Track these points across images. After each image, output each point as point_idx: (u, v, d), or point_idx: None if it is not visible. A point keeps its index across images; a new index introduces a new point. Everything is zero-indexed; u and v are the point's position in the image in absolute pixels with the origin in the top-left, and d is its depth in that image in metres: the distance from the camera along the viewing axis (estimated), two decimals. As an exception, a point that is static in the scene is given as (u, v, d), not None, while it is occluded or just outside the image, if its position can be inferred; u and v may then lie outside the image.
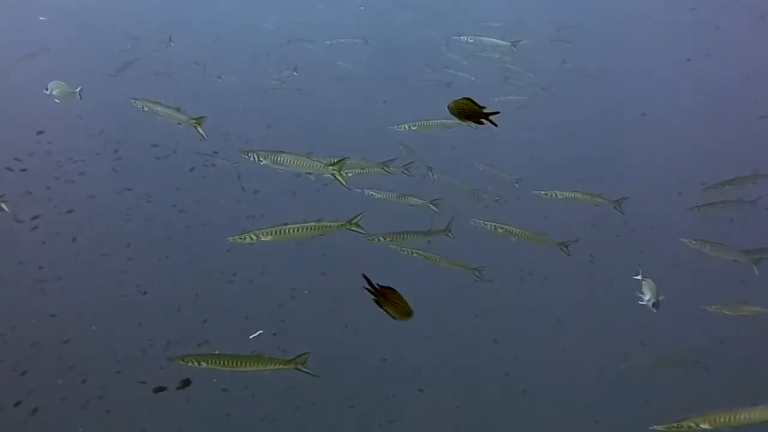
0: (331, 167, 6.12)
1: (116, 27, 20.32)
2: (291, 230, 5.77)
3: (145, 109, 7.01)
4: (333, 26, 22.19)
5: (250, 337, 9.16)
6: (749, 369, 12.78)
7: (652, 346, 13.00)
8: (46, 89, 8.31)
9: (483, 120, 4.66)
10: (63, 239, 13.05)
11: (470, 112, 4.71)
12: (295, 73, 17.14)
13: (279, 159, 5.96)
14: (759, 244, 8.97)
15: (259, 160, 5.88)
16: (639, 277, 7.01)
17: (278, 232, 5.75)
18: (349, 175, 7.05)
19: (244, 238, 5.68)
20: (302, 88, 17.92)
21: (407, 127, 7.72)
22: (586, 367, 13.14)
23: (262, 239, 5.69)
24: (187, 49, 17.81)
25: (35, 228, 11.99)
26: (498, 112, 4.60)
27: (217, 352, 5.75)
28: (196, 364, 5.64)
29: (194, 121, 6.90)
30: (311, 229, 5.81)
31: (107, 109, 14.35)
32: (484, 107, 4.67)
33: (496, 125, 4.55)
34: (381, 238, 7.24)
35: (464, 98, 4.75)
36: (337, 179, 6.17)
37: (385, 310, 4.05)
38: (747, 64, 21.07)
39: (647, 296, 6.82)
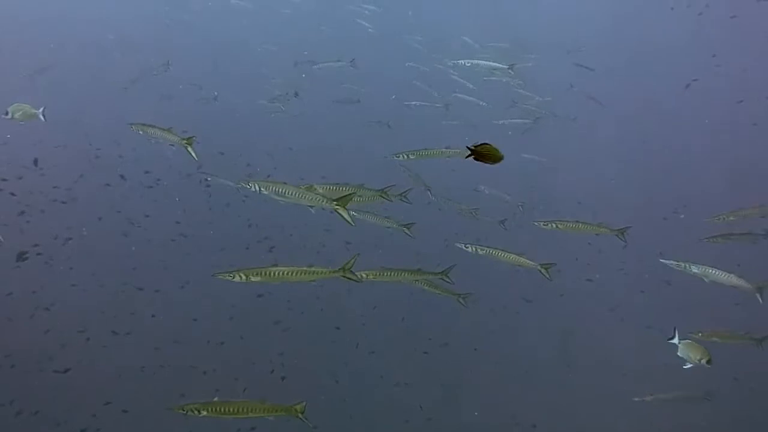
0: (335, 203, 6.09)
1: (119, 49, 20.90)
2: (281, 273, 5.70)
3: (141, 132, 7.52)
4: (338, 49, 22.72)
5: None
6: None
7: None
8: (6, 113, 8.29)
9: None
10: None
11: (487, 155, 5.04)
12: (295, 97, 17.56)
13: (280, 190, 5.99)
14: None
15: (259, 190, 5.94)
16: (675, 341, 7.11)
17: (268, 274, 5.68)
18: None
19: (233, 277, 5.62)
20: (304, 111, 18.37)
21: (406, 156, 7.92)
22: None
23: (252, 280, 5.62)
24: (186, 72, 18.36)
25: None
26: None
27: (216, 399, 5.87)
28: (196, 413, 5.76)
29: (185, 141, 7.37)
30: (302, 273, 5.74)
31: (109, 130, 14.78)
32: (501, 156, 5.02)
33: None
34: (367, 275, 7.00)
35: (485, 144, 5.03)
36: (340, 215, 6.14)
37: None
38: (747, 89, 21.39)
39: (691, 359, 6.87)
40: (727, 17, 20.31)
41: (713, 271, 7.84)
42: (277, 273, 5.69)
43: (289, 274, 5.71)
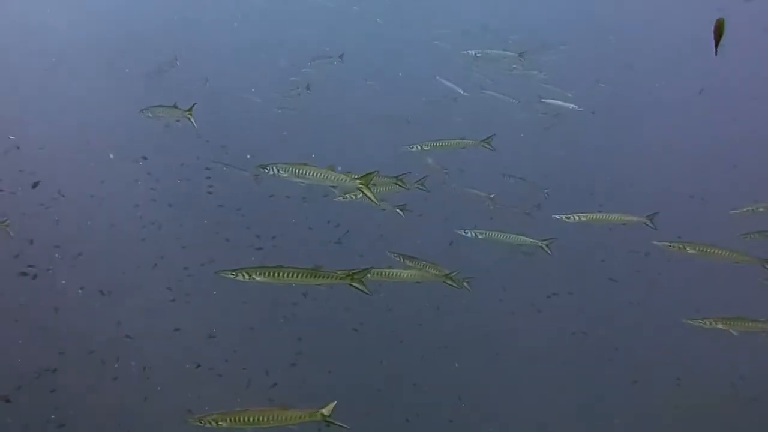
0: (359, 180, 6.19)
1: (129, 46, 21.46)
2: (286, 274, 5.70)
3: (150, 114, 8.82)
4: (357, 44, 23.20)
5: None
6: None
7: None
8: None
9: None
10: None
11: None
12: (308, 91, 17.91)
13: (301, 172, 6.13)
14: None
15: (278, 173, 6.08)
16: None
17: (273, 273, 5.68)
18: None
19: (236, 275, 5.67)
20: (317, 105, 18.73)
21: (420, 147, 8.22)
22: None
23: (256, 279, 5.65)
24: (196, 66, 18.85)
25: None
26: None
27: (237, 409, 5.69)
28: (214, 424, 5.63)
29: (187, 112, 8.68)
30: (309, 275, 5.71)
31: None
32: None
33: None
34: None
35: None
36: (364, 194, 6.25)
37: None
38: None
39: None
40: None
41: (713, 250, 7.69)
42: (281, 273, 5.71)
43: (295, 275, 5.73)
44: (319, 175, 6.21)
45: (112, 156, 15.97)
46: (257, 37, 24.72)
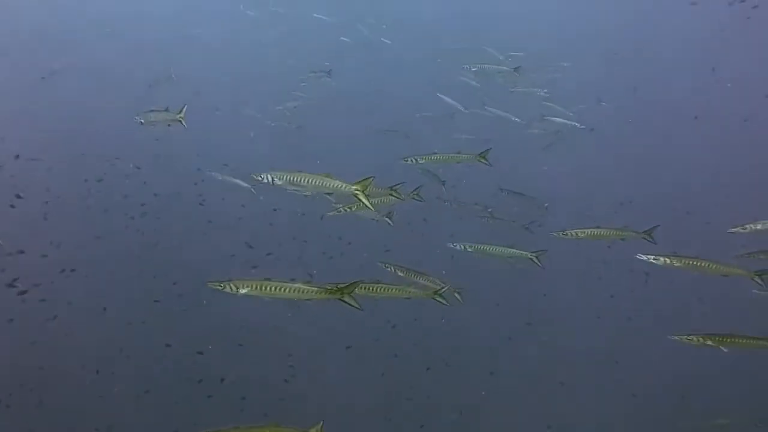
0: (354, 187, 6.26)
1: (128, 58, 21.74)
2: (273, 288, 5.72)
3: (142, 121, 9.11)
4: (360, 61, 23.52)
5: None
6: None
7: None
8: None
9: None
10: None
11: None
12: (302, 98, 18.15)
13: (296, 179, 6.16)
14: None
15: (273, 181, 6.11)
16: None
17: (260, 287, 5.72)
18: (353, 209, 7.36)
19: (224, 287, 5.74)
20: (314, 118, 18.98)
21: (415, 160, 8.30)
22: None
23: (241, 291, 5.72)
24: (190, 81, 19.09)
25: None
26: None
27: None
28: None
29: (179, 114, 8.95)
30: (296, 290, 5.70)
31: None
32: None
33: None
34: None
35: None
36: (360, 200, 6.30)
37: None
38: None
39: None
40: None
41: (699, 263, 7.49)
42: (269, 287, 5.72)
43: (282, 289, 5.72)
44: (314, 182, 6.24)
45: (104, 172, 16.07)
46: (256, 53, 25.05)
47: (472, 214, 12.73)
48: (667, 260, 7.54)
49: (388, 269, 7.58)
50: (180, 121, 8.97)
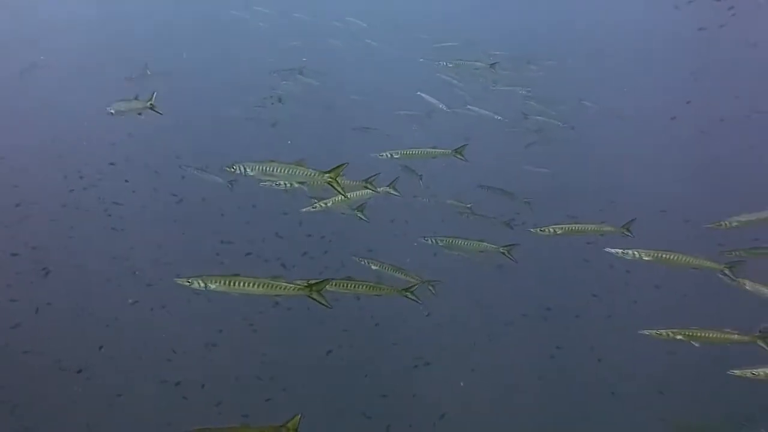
0: (327, 175, 6.26)
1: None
2: (242, 284, 5.67)
3: (113, 111, 8.96)
4: (340, 61, 23.57)
5: None
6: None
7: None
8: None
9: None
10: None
11: None
12: (280, 103, 18.11)
13: (269, 169, 6.13)
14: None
15: (245, 172, 6.09)
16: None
17: (229, 283, 5.66)
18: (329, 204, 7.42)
19: (191, 283, 5.69)
20: (292, 116, 18.99)
21: (389, 155, 8.30)
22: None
23: (211, 287, 5.66)
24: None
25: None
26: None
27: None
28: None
29: (149, 102, 8.84)
30: (266, 286, 5.67)
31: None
32: None
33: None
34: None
35: None
36: (333, 188, 6.30)
37: None
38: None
39: None
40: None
41: (669, 256, 7.42)
42: (238, 283, 5.68)
43: (251, 285, 5.69)
44: (287, 171, 6.22)
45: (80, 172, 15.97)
46: (237, 50, 25.02)
47: (453, 210, 12.74)
48: (636, 254, 7.51)
49: (363, 263, 7.58)
50: (150, 107, 8.81)
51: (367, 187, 7.28)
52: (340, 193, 6.43)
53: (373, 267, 7.43)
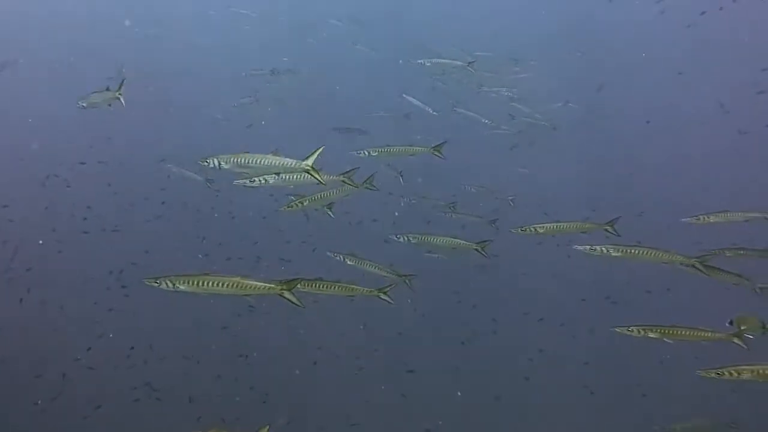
0: (305, 162, 6.19)
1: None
2: (212, 283, 5.56)
3: (84, 104, 8.93)
4: (324, 60, 23.61)
5: None
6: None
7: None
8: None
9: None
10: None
11: None
12: (256, 101, 18.15)
13: (243, 161, 6.08)
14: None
15: (219, 165, 6.05)
16: None
17: (198, 282, 5.55)
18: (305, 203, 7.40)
19: (160, 283, 5.57)
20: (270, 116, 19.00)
21: (368, 153, 8.31)
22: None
23: (180, 288, 5.53)
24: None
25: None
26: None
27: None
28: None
29: (118, 92, 8.85)
30: (235, 286, 5.57)
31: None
32: None
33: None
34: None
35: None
36: (312, 175, 6.24)
37: None
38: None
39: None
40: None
41: (638, 251, 7.36)
42: (207, 283, 5.58)
43: (221, 285, 5.58)
44: (262, 162, 6.17)
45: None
46: (216, 52, 24.98)
47: (436, 209, 12.77)
48: (604, 250, 7.46)
49: (338, 258, 7.57)
50: (118, 97, 8.80)
51: (345, 182, 7.26)
52: (319, 181, 6.36)
53: (349, 262, 7.42)
